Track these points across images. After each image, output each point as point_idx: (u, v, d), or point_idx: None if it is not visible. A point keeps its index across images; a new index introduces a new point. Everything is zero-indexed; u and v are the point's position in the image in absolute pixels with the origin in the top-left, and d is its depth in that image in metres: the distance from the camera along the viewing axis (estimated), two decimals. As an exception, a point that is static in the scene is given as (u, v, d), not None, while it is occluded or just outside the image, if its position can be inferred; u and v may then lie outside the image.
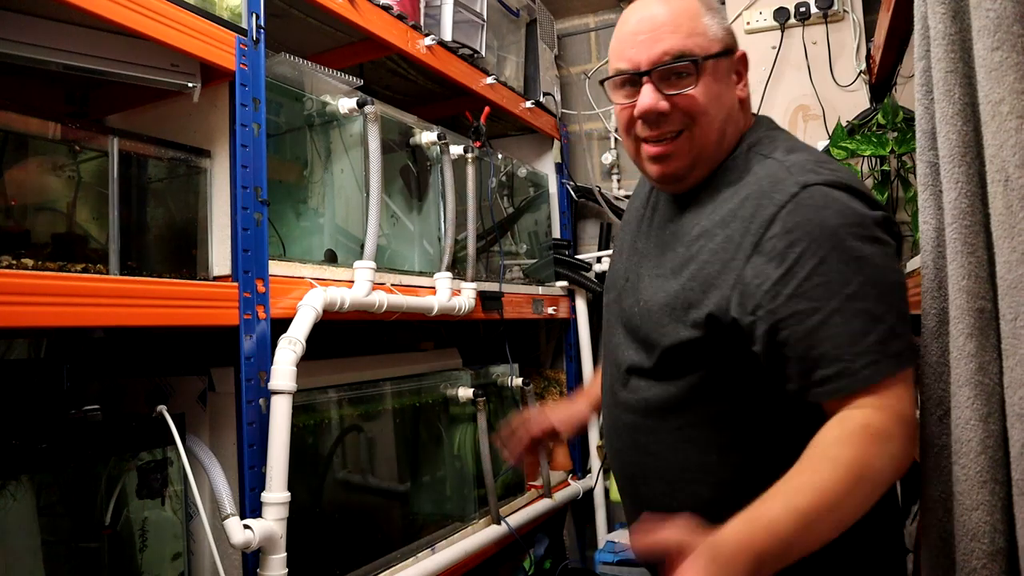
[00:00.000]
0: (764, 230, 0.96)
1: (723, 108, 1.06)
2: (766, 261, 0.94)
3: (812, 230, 0.92)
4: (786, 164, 1.01)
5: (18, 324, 0.93)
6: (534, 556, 2.27)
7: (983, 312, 0.79)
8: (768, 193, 0.98)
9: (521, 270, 2.33)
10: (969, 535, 0.79)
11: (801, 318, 0.91)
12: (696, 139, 1.05)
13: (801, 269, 0.92)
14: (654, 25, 1.04)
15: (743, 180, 1.04)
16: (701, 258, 1.02)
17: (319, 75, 1.54)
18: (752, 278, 0.95)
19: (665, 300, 1.05)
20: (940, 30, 0.82)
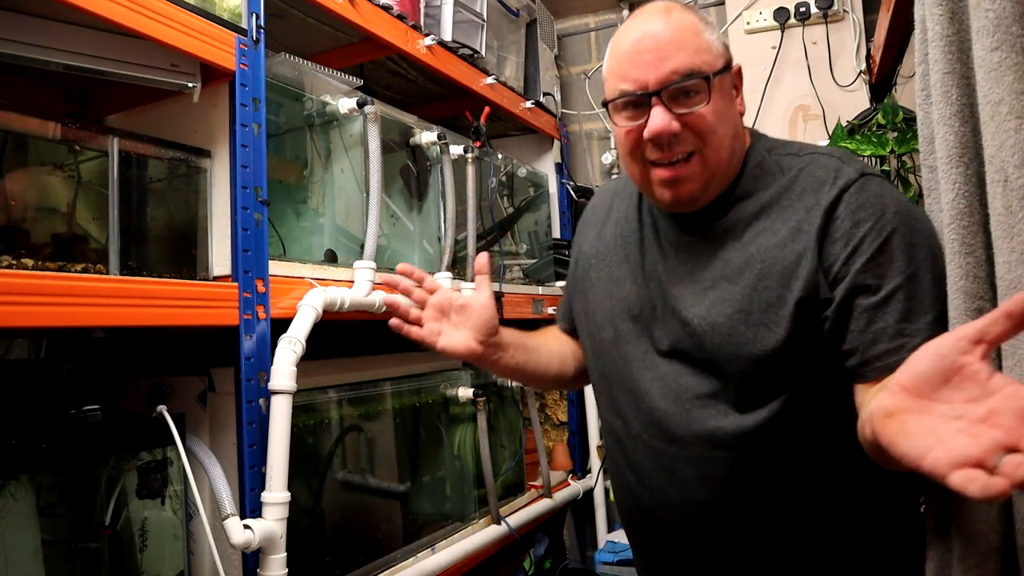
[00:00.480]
0: (831, 212, 0.97)
1: (731, 125, 1.04)
2: (835, 242, 0.96)
3: (876, 211, 0.95)
4: (835, 155, 1.03)
5: (18, 324, 0.93)
6: (534, 556, 2.27)
7: (981, 312, 0.79)
8: (829, 181, 0.99)
9: (521, 270, 2.33)
10: (966, 534, 0.79)
11: (868, 292, 0.93)
12: (708, 160, 1.02)
13: (868, 247, 0.94)
14: (659, 43, 1.00)
15: (786, 177, 1.04)
16: (768, 255, 1.00)
17: (319, 75, 1.55)
18: (828, 257, 0.96)
19: (732, 309, 1.01)
20: (938, 31, 0.82)
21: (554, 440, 2.56)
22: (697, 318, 1.03)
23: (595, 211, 1.30)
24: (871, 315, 0.93)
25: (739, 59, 2.53)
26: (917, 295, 0.92)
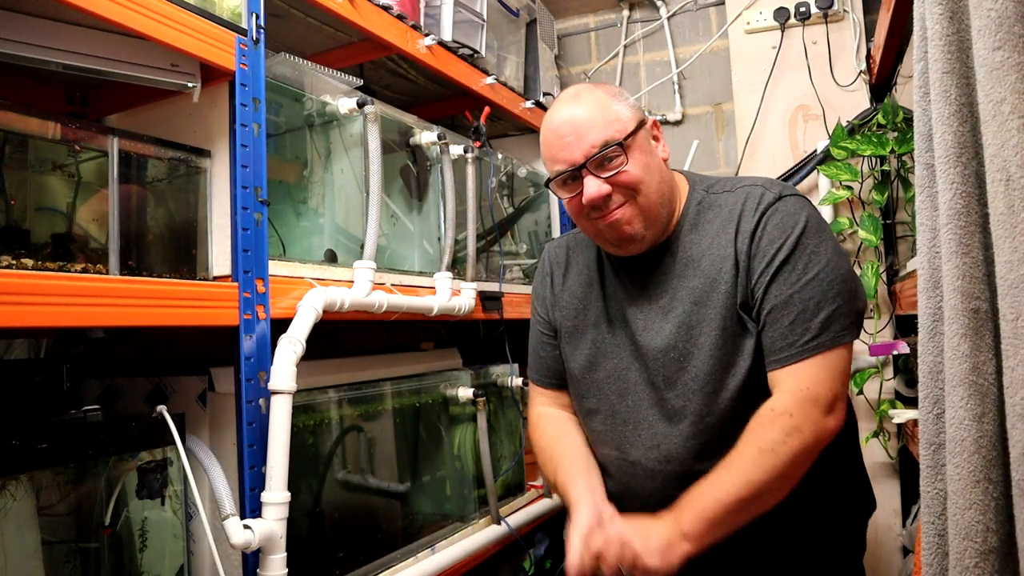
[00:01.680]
0: (753, 232, 1.18)
1: (654, 172, 1.22)
2: (755, 256, 1.17)
3: (786, 230, 1.16)
4: (761, 184, 1.24)
5: (18, 324, 0.93)
6: (534, 556, 2.26)
7: (978, 312, 0.79)
8: (755, 206, 1.20)
9: (521, 270, 2.33)
10: (962, 534, 0.79)
11: (772, 298, 1.14)
12: (641, 204, 1.20)
13: (778, 259, 1.15)
14: (575, 125, 1.19)
15: (726, 210, 1.23)
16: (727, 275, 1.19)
17: (319, 75, 1.55)
18: (752, 272, 1.17)
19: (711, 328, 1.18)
20: (937, 31, 0.82)
21: (554, 440, 2.56)
22: (681, 343, 1.20)
23: (552, 267, 1.45)
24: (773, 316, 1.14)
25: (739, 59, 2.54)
26: (815, 297, 1.13)
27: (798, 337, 1.12)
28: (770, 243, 1.16)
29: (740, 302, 1.17)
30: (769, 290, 1.15)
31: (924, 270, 0.92)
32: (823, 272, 1.14)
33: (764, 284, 1.15)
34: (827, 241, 1.17)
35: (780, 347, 1.13)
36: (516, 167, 2.35)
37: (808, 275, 1.13)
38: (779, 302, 1.13)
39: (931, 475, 0.91)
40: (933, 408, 0.91)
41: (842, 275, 1.15)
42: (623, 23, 2.79)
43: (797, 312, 1.12)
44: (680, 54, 2.70)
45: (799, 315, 1.12)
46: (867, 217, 2.11)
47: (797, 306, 1.13)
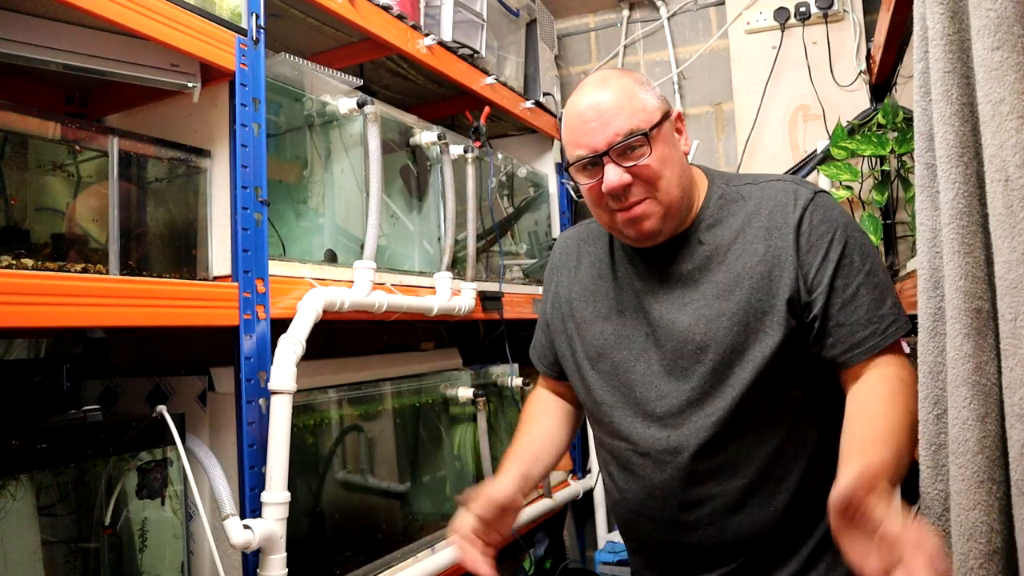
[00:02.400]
0: (798, 227, 1.16)
1: (676, 166, 1.19)
2: (806, 252, 1.16)
3: (833, 224, 1.16)
4: (786, 179, 1.24)
5: (18, 324, 0.93)
6: (534, 556, 2.27)
7: (980, 312, 0.79)
8: (792, 202, 1.19)
9: (521, 270, 2.33)
10: (966, 535, 0.79)
11: (840, 292, 1.13)
12: (661, 199, 1.17)
13: (834, 254, 1.14)
14: (600, 111, 1.16)
15: (752, 203, 1.21)
16: (754, 271, 1.17)
17: (319, 75, 1.55)
18: (804, 265, 1.15)
19: (731, 323, 1.16)
20: (938, 30, 0.82)
21: (554, 440, 2.56)
22: (698, 335, 1.17)
23: (564, 258, 1.42)
24: (847, 311, 1.13)
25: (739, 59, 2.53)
26: (877, 287, 1.14)
27: (878, 325, 1.12)
28: (821, 238, 1.15)
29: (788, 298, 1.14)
30: (835, 284, 1.13)
31: (924, 270, 0.92)
32: (875, 264, 1.16)
33: (827, 277, 1.14)
34: (864, 235, 1.20)
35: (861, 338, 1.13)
36: (516, 167, 2.35)
37: (867, 266, 1.14)
38: (848, 295, 1.13)
39: (932, 476, 0.91)
40: (934, 408, 0.91)
41: (884, 268, 1.19)
42: (623, 23, 2.79)
43: (869, 302, 1.13)
44: (680, 54, 2.70)
45: (871, 305, 1.13)
46: (867, 217, 2.11)
47: (866, 296, 1.13)
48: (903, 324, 1.14)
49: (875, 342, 1.12)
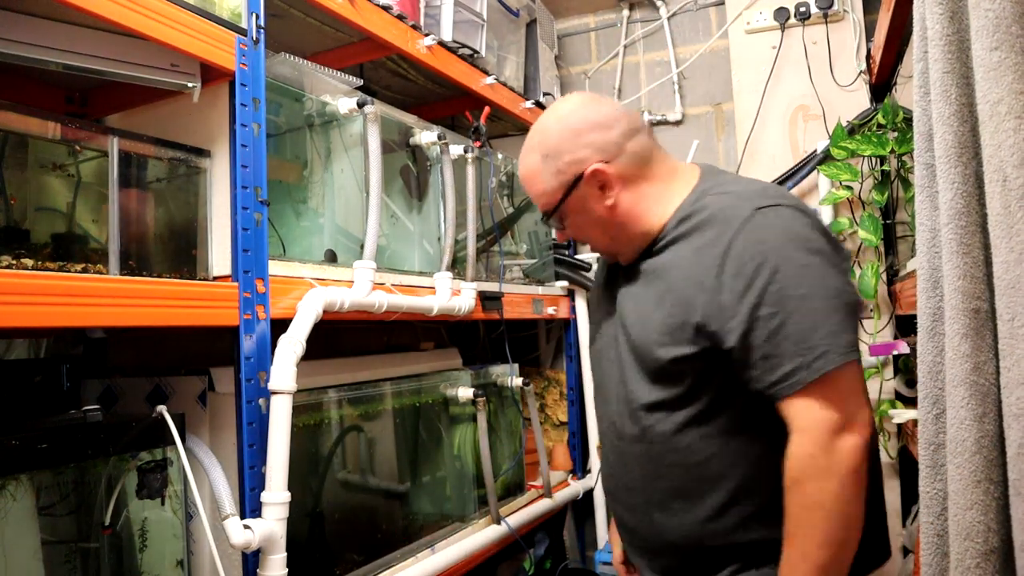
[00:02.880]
0: (727, 250, 1.10)
1: (594, 226, 1.26)
2: (732, 276, 1.08)
3: (765, 246, 1.07)
4: (739, 194, 1.16)
5: (18, 324, 0.93)
6: (534, 556, 2.27)
7: (978, 312, 0.79)
8: (728, 220, 1.12)
9: (521, 270, 2.33)
10: (963, 534, 0.79)
11: (765, 321, 1.05)
12: (601, 244, 1.29)
13: (760, 280, 1.06)
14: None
15: (700, 217, 1.17)
16: (679, 286, 1.15)
17: (319, 75, 1.55)
18: (724, 292, 1.09)
19: (655, 329, 1.17)
20: (938, 30, 0.82)
21: (554, 440, 2.56)
22: (635, 336, 1.21)
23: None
24: (772, 342, 1.05)
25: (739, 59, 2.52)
26: (809, 315, 1.04)
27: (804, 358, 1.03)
28: (750, 260, 1.07)
29: (696, 323, 1.11)
30: (758, 313, 1.05)
31: (924, 270, 0.92)
32: (816, 287, 1.05)
33: (748, 306, 1.06)
34: (817, 252, 1.07)
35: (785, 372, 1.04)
36: (516, 167, 2.35)
37: (800, 291, 1.04)
38: (775, 325, 1.04)
39: (931, 475, 0.91)
40: (932, 408, 0.91)
41: (837, 288, 1.06)
42: (623, 23, 2.79)
43: (798, 332, 1.03)
44: (680, 54, 2.70)
45: (800, 335, 1.03)
46: (867, 217, 2.11)
47: (795, 326, 1.03)
48: (835, 357, 1.02)
49: (799, 377, 1.03)
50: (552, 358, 2.72)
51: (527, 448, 2.24)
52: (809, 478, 1.04)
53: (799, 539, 1.05)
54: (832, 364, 1.02)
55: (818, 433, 1.03)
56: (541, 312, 2.31)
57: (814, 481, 1.03)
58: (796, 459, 1.05)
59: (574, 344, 2.58)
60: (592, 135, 1.21)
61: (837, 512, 1.03)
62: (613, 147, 1.21)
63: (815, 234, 1.10)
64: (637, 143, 1.22)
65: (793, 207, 1.13)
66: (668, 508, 1.20)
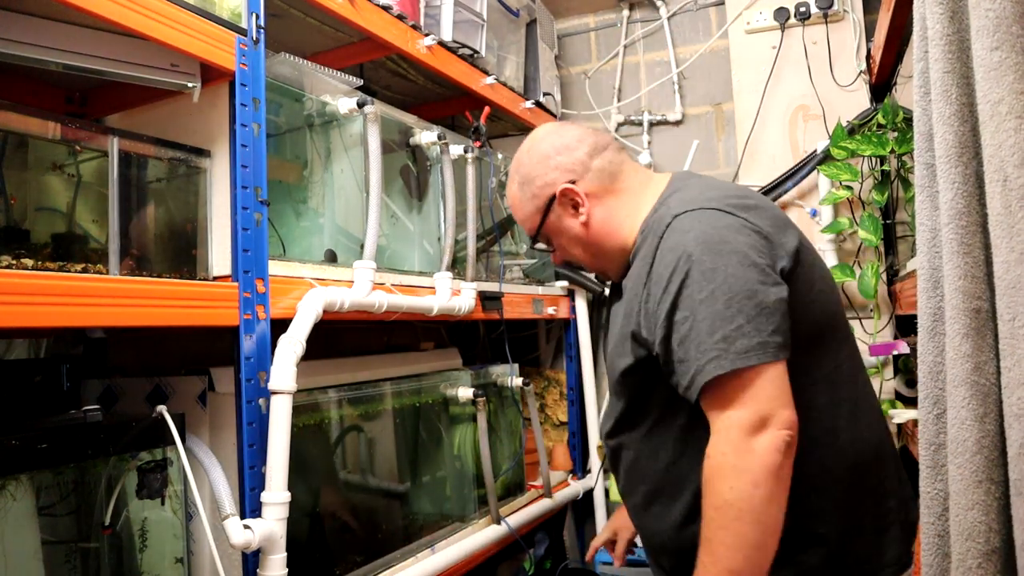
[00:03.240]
0: (652, 259, 1.13)
1: (576, 241, 1.29)
2: (655, 283, 1.11)
3: (679, 251, 1.09)
4: (671, 204, 1.18)
5: (18, 324, 0.93)
6: (534, 556, 2.27)
7: (979, 312, 0.79)
8: (656, 229, 1.15)
9: (521, 270, 2.33)
10: (964, 534, 0.79)
11: (678, 327, 1.07)
12: (586, 262, 1.33)
13: (674, 285, 1.08)
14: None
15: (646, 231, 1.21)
16: (627, 299, 1.20)
17: (319, 75, 1.55)
18: (650, 300, 1.12)
19: (614, 340, 1.24)
20: (938, 30, 0.82)
21: (554, 440, 2.56)
22: (608, 354, 1.29)
23: None
24: (685, 345, 1.06)
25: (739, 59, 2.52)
26: (708, 318, 1.04)
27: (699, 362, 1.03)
28: (667, 267, 1.09)
29: (632, 331, 1.15)
30: (674, 317, 1.07)
31: (924, 270, 0.92)
32: (721, 289, 1.04)
33: (665, 311, 1.07)
34: (731, 253, 1.06)
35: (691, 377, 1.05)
36: (516, 167, 2.35)
37: (703, 294, 1.04)
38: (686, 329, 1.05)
39: (931, 475, 0.91)
40: (933, 408, 0.91)
41: (746, 290, 1.04)
42: (623, 23, 2.79)
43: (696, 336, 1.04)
44: (680, 54, 2.70)
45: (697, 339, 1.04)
46: (867, 217, 2.11)
47: (695, 329, 1.04)
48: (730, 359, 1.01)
49: (697, 380, 1.03)
50: (552, 358, 2.72)
51: (527, 448, 2.24)
52: (720, 477, 1.01)
53: (712, 542, 1.01)
54: (723, 368, 1.01)
55: (729, 432, 1.02)
56: (541, 312, 2.31)
57: (725, 480, 1.01)
58: (709, 459, 1.04)
59: (574, 344, 2.58)
60: (559, 158, 1.27)
61: (748, 512, 0.99)
62: (579, 166, 1.26)
63: (736, 234, 1.08)
64: (603, 160, 1.27)
65: (718, 209, 1.12)
66: (650, 511, 1.23)
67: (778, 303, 1.05)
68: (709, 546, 1.02)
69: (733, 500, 1.00)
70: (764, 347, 1.02)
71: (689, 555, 1.15)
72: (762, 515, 0.99)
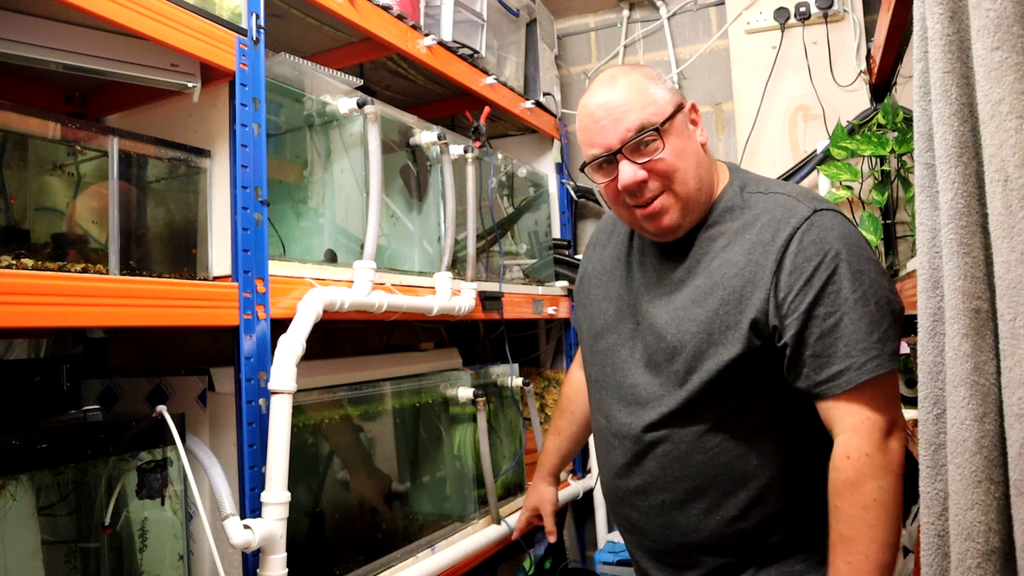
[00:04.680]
0: (785, 247, 1.11)
1: (691, 158, 1.19)
2: (789, 273, 1.09)
3: (825, 247, 1.09)
4: (794, 195, 1.17)
5: (18, 324, 0.93)
6: (534, 556, 2.26)
7: (979, 312, 0.79)
8: (785, 218, 1.13)
9: (521, 270, 2.33)
10: (964, 534, 0.79)
11: (820, 321, 1.07)
12: (678, 192, 1.17)
13: (819, 280, 1.08)
14: (611, 109, 1.17)
15: (750, 213, 1.18)
16: (728, 283, 1.14)
17: (319, 75, 1.55)
18: (782, 288, 1.10)
19: (697, 329, 1.15)
20: (938, 30, 0.82)
21: (554, 440, 2.56)
22: (670, 335, 1.19)
23: (599, 234, 1.46)
24: (825, 340, 1.07)
25: (739, 59, 2.53)
26: (865, 317, 1.06)
27: (855, 359, 1.05)
28: (808, 260, 1.09)
29: (752, 319, 1.11)
30: (814, 312, 1.07)
31: (924, 270, 0.92)
32: (870, 291, 1.07)
33: (806, 304, 1.07)
34: (870, 259, 1.10)
35: (835, 372, 1.06)
36: (516, 167, 2.35)
37: (857, 294, 1.06)
38: (829, 325, 1.06)
39: (931, 475, 0.91)
40: (933, 408, 0.91)
41: (887, 295, 1.09)
42: (623, 23, 2.79)
43: (851, 333, 1.06)
44: (680, 54, 2.70)
45: (853, 336, 1.06)
46: (867, 217, 2.11)
47: (849, 327, 1.06)
48: (885, 361, 1.06)
49: (849, 377, 1.06)
50: (552, 358, 2.72)
51: (527, 448, 2.24)
52: (868, 477, 1.05)
53: (859, 541, 1.05)
54: (883, 368, 1.06)
55: (873, 433, 1.06)
56: (541, 312, 2.31)
57: (874, 480, 1.05)
58: (851, 460, 1.06)
59: (574, 344, 2.58)
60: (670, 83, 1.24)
61: (895, 509, 1.05)
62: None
63: (867, 243, 1.14)
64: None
65: (843, 214, 1.15)
66: (688, 508, 1.19)
67: (901, 312, 1.12)
68: (855, 545, 1.05)
69: (882, 499, 1.05)
70: (896, 353, 1.09)
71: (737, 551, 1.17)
72: (899, 512, 1.06)
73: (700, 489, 1.18)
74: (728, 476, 1.16)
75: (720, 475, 1.16)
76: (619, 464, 1.27)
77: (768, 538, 1.14)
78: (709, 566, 1.20)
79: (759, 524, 1.15)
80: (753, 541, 1.16)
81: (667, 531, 1.22)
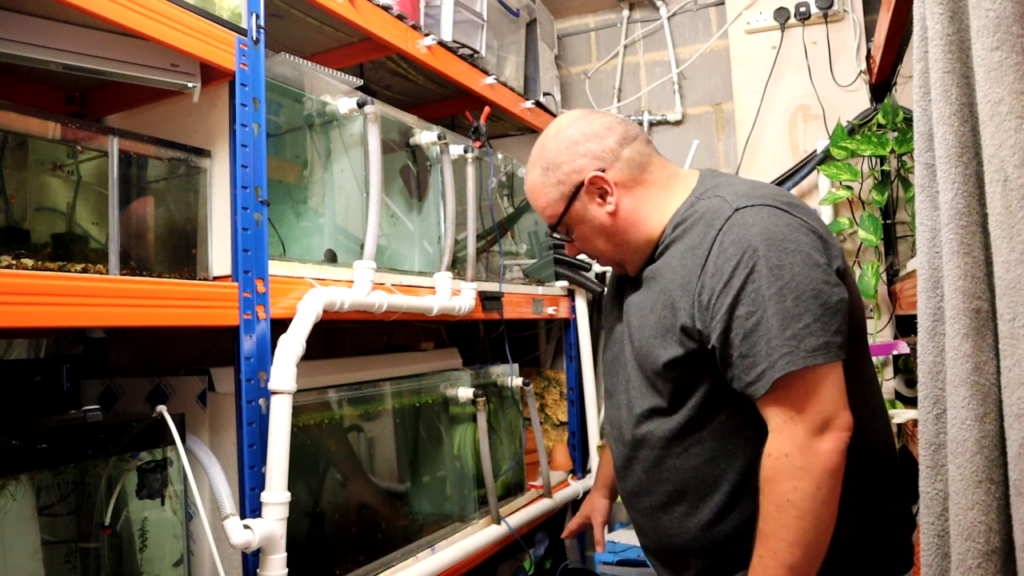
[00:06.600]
0: (709, 250, 1.11)
1: (599, 231, 1.27)
2: (711, 275, 1.10)
3: (743, 245, 1.08)
4: (726, 197, 1.16)
5: (18, 324, 0.93)
6: (534, 556, 2.27)
7: (979, 312, 0.79)
8: (710, 221, 1.14)
9: (521, 270, 2.33)
10: (964, 534, 0.79)
11: (743, 321, 1.06)
12: (607, 253, 1.30)
13: (738, 279, 1.07)
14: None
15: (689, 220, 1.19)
16: (668, 289, 1.17)
17: (319, 75, 1.55)
18: (705, 291, 1.10)
19: (651, 333, 1.20)
20: (938, 30, 0.82)
21: (554, 440, 2.56)
22: (636, 342, 1.24)
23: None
24: (749, 341, 1.06)
25: (739, 59, 2.52)
26: (779, 314, 1.04)
27: (771, 357, 1.03)
28: (727, 261, 1.08)
29: (681, 324, 1.13)
30: (736, 312, 1.06)
31: (924, 270, 0.92)
32: (788, 286, 1.04)
33: (727, 305, 1.07)
34: (795, 252, 1.06)
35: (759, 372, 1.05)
36: (516, 167, 2.35)
37: (772, 290, 1.04)
38: (751, 325, 1.05)
39: (931, 475, 0.91)
40: (933, 408, 0.91)
41: (814, 287, 1.05)
42: (623, 23, 2.79)
43: (768, 331, 1.04)
44: (680, 54, 2.70)
45: (764, 336, 1.04)
46: (867, 217, 2.11)
47: (766, 325, 1.04)
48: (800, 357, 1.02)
49: (768, 376, 1.03)
50: (552, 358, 2.72)
51: (527, 448, 2.24)
52: (783, 477, 1.04)
53: (771, 538, 1.05)
54: (795, 365, 1.02)
55: (795, 434, 1.04)
56: (541, 312, 2.31)
57: (788, 480, 1.04)
58: (771, 458, 1.06)
59: (574, 344, 2.58)
60: (588, 145, 1.24)
61: (809, 512, 1.02)
62: (609, 154, 1.24)
63: (798, 234, 1.09)
64: (633, 150, 1.25)
65: (776, 207, 1.12)
66: (671, 511, 1.21)
67: (840, 304, 1.07)
68: (767, 541, 1.05)
69: (796, 500, 1.03)
70: (828, 347, 1.04)
71: (720, 554, 1.18)
72: (821, 514, 1.03)
73: (678, 492, 1.20)
74: (701, 480, 1.17)
75: (693, 479, 1.18)
76: (618, 467, 1.32)
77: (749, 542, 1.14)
78: (696, 568, 1.21)
79: (738, 527, 1.15)
80: (734, 544, 1.16)
81: (658, 533, 1.25)
